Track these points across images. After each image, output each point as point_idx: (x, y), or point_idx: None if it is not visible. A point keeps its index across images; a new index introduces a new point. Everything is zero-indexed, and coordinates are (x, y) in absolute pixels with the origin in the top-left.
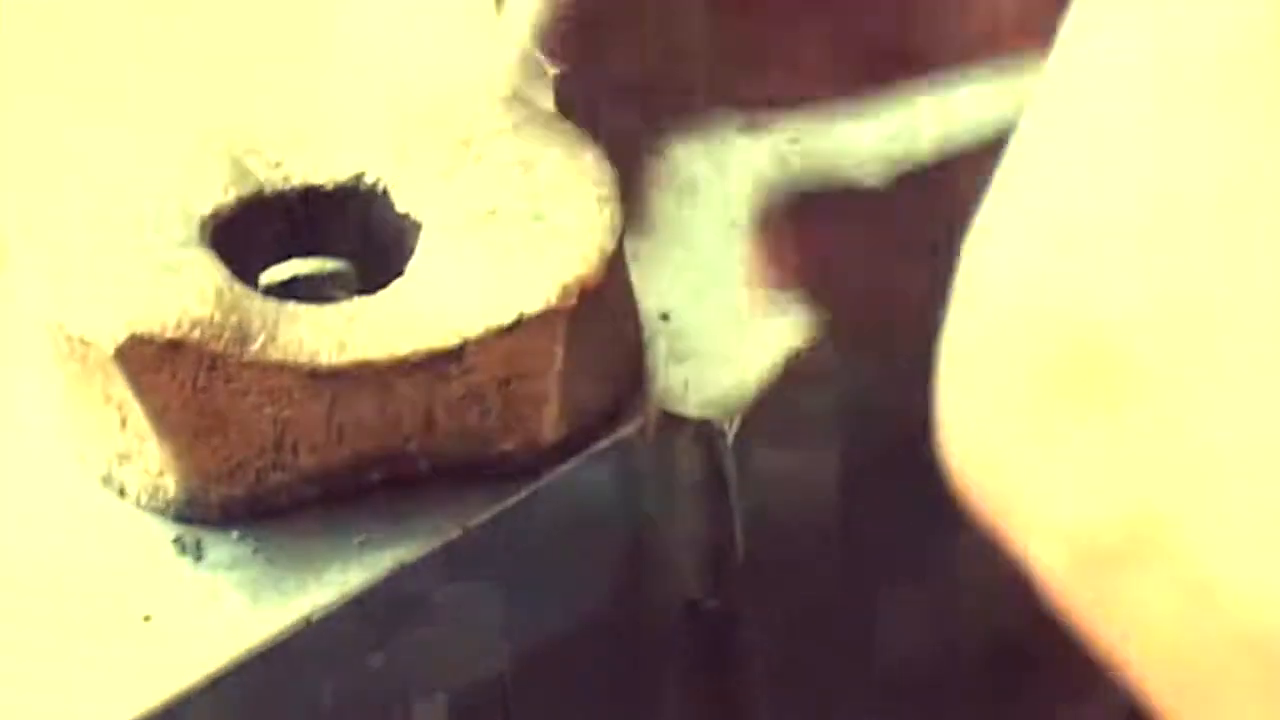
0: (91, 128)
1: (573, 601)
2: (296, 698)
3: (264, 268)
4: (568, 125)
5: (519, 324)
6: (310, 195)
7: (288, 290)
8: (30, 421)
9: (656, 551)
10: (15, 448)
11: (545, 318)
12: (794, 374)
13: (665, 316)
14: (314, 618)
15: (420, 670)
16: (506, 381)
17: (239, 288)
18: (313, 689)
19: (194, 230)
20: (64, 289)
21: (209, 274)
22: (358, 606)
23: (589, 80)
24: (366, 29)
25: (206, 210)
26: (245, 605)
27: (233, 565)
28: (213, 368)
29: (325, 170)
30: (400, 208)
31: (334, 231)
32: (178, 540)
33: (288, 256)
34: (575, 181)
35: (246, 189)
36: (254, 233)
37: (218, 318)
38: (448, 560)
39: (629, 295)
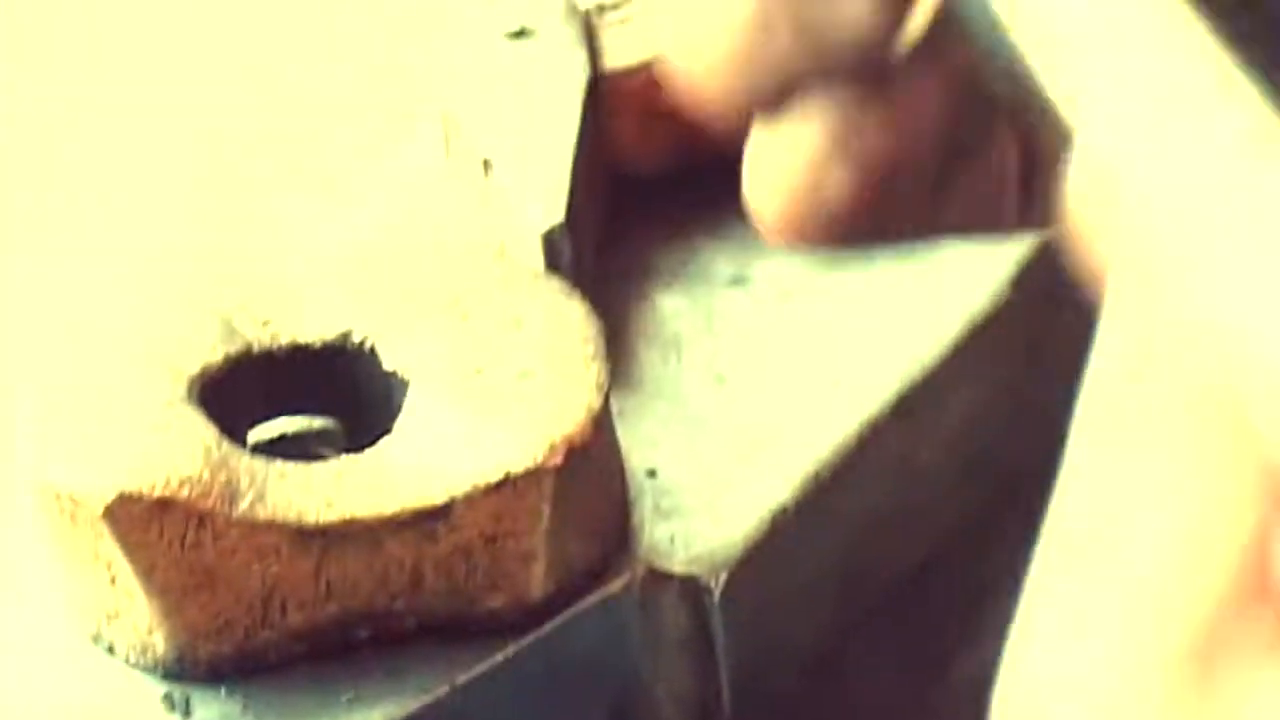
0: (81, 283)
1: None
2: None
3: (252, 425)
4: (554, 282)
5: (506, 482)
6: (298, 353)
7: (276, 448)
8: (20, 578)
9: (643, 708)
10: (5, 605)
11: (532, 476)
12: (781, 530)
13: (651, 473)
14: None
15: None
16: (494, 539)
17: (227, 446)
18: None
19: (183, 388)
20: (53, 446)
21: (197, 432)
22: None
23: (577, 235)
24: (355, 186)
25: (195, 368)
26: None
27: None
28: (201, 526)
29: (313, 328)
30: (387, 365)
31: (322, 389)
32: (167, 697)
33: (276, 414)
34: (562, 339)
35: (235, 347)
36: (242, 390)
37: (206, 476)
38: (437, 717)
39: (616, 452)
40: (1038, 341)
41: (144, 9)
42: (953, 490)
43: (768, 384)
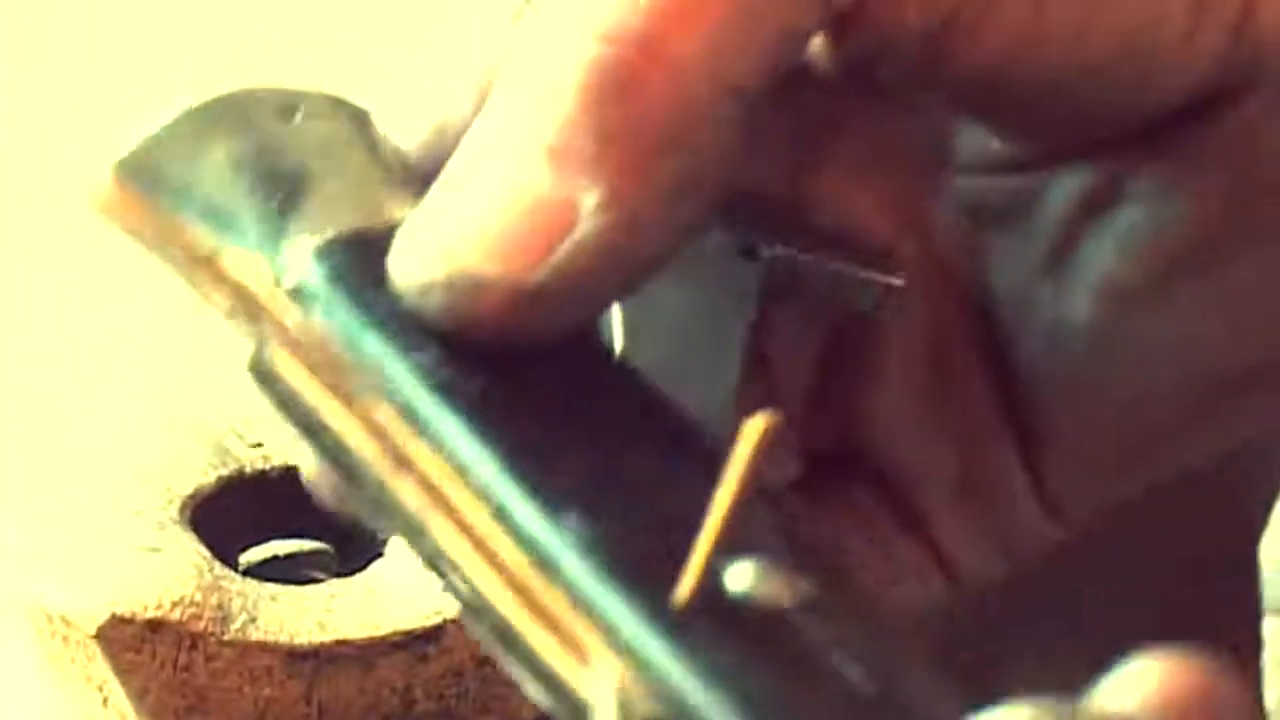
0: (75, 404)
1: None
2: None
3: (244, 548)
4: None
5: None
6: (290, 475)
7: (267, 570)
8: (11, 698)
9: None
10: None
11: None
12: None
13: None
14: None
15: None
16: (485, 661)
17: (219, 568)
18: None
19: (175, 510)
20: (44, 568)
21: (189, 554)
22: None
23: None
24: None
25: (187, 491)
26: None
27: None
28: (193, 647)
29: None
30: None
31: (313, 511)
32: None
33: (267, 537)
34: None
35: (227, 469)
36: (234, 513)
37: (198, 598)
38: None
39: None
40: None
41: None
42: None
43: None
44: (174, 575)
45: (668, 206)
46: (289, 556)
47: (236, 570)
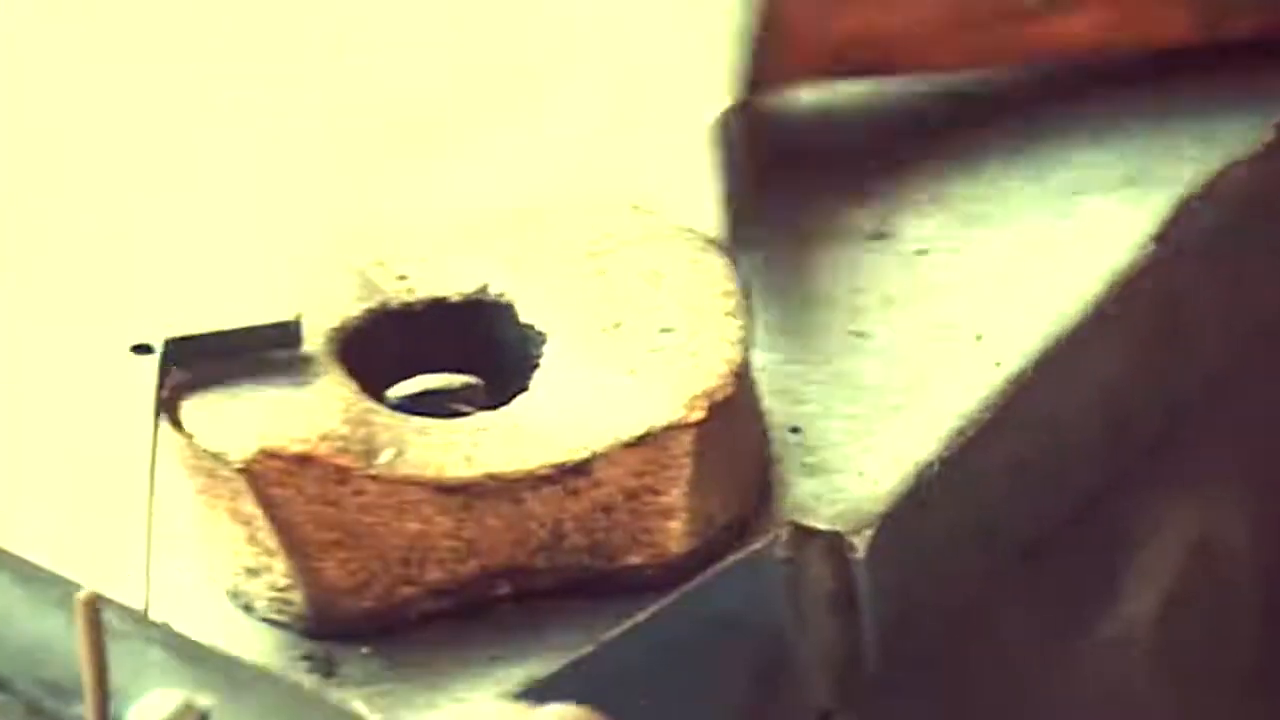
0: (222, 241)
1: (704, 715)
2: None
3: (391, 382)
4: (695, 236)
5: (647, 437)
6: (435, 308)
7: (414, 404)
8: (159, 534)
9: (788, 664)
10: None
11: (674, 431)
12: (925, 486)
13: (795, 429)
14: None
15: None
16: (634, 495)
17: (367, 402)
18: None
19: (322, 344)
20: (194, 404)
21: (337, 388)
22: None
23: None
24: (494, 143)
25: (333, 324)
26: None
27: (364, 681)
28: (341, 482)
29: (450, 283)
30: (525, 320)
31: (459, 344)
32: (308, 656)
33: (414, 370)
34: (703, 293)
35: (373, 303)
36: (380, 347)
37: (346, 432)
38: (578, 676)
39: (756, 407)
40: (1179, 297)
41: None
42: (1095, 449)
43: (910, 339)
44: (321, 409)
45: None
46: (435, 390)
47: (383, 404)
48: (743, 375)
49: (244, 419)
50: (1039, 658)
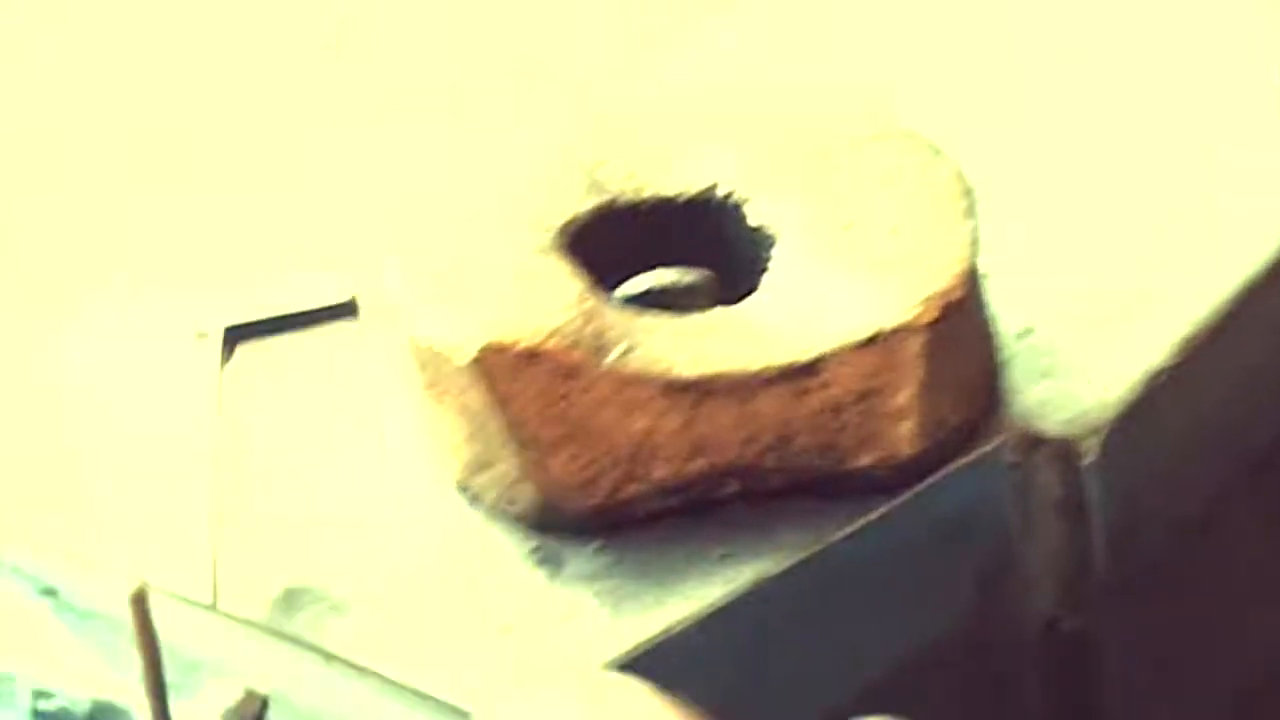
0: (445, 139)
1: (929, 618)
2: None
3: (619, 279)
4: (925, 139)
5: (878, 338)
6: (664, 206)
7: (641, 302)
8: (387, 429)
9: (1014, 569)
10: (373, 455)
11: (905, 333)
12: (1156, 392)
13: (1024, 333)
14: (674, 631)
15: (780, 684)
16: (865, 396)
17: (596, 297)
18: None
19: (550, 240)
20: (422, 298)
21: (566, 283)
22: (719, 620)
23: None
24: (721, 41)
25: (562, 220)
26: (606, 618)
27: (592, 577)
28: (570, 377)
29: (678, 182)
30: (755, 220)
31: (687, 243)
32: (536, 551)
33: (640, 268)
34: (934, 195)
35: (601, 200)
36: (608, 244)
37: (576, 327)
38: (807, 575)
39: (985, 312)
40: None
41: None
42: None
43: (1142, 245)
44: (551, 304)
45: None
46: (663, 288)
47: (611, 300)
48: (973, 278)
49: (473, 312)
50: (1264, 570)
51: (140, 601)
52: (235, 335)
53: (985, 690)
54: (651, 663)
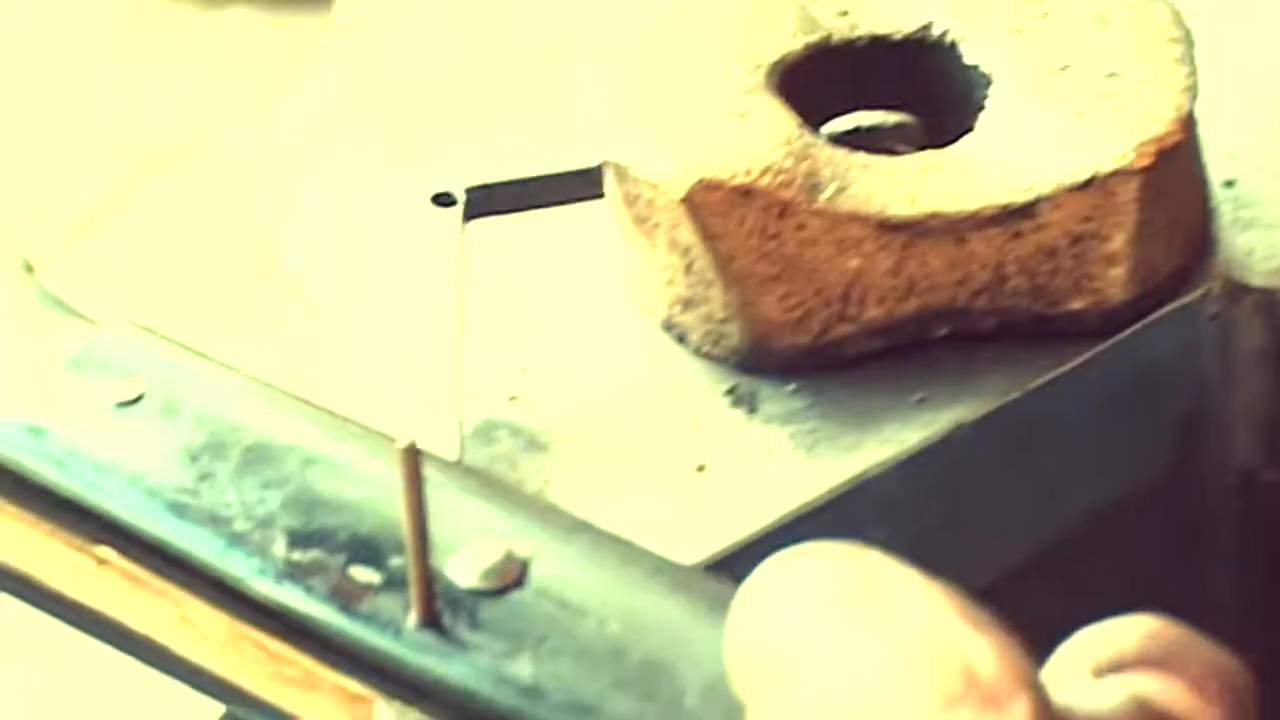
0: None
1: (1127, 467)
2: None
3: (828, 118)
4: None
5: (1094, 182)
6: (877, 45)
7: (851, 140)
8: (592, 265)
9: (1214, 420)
10: (577, 290)
11: (1120, 177)
12: None
13: (1229, 183)
14: (869, 475)
15: (972, 531)
16: (1078, 240)
17: (808, 136)
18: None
19: (762, 77)
20: (633, 134)
21: (778, 121)
22: (914, 465)
23: None
24: None
25: (774, 57)
26: (800, 460)
27: (788, 419)
28: (782, 215)
29: (893, 20)
30: (969, 60)
31: (900, 83)
32: (732, 391)
33: (852, 107)
34: (1150, 39)
35: (814, 37)
36: (819, 82)
37: (788, 165)
38: (1005, 421)
39: (1199, 159)
40: None
41: None
42: None
43: None
44: (763, 142)
45: None
46: (871, 128)
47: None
48: (1189, 123)
49: (684, 149)
50: None
51: (412, 455)
52: (477, 197)
53: (1180, 541)
54: (845, 506)
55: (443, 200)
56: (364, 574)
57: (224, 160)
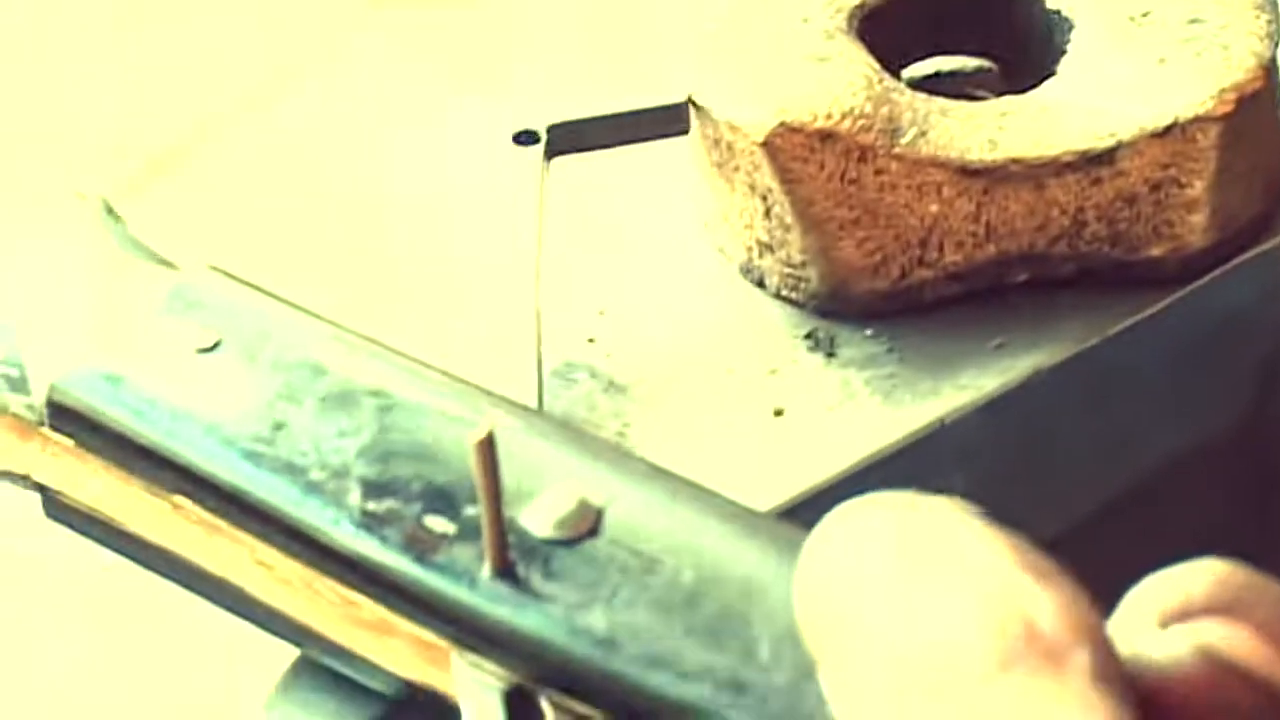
0: None
1: (1204, 414)
2: None
3: (907, 63)
4: None
5: (1174, 128)
6: None
7: (930, 85)
8: (671, 206)
9: None
10: (655, 232)
11: (1201, 123)
12: None
13: None
14: (947, 420)
15: (1049, 477)
16: (1158, 186)
17: (889, 80)
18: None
19: (842, 21)
20: (713, 77)
21: (859, 65)
22: (992, 411)
23: None
24: None
25: (855, 1)
26: (877, 405)
27: (866, 363)
28: (862, 159)
29: None
30: (1051, 4)
31: (980, 27)
32: (811, 335)
33: (931, 52)
34: None
35: None
36: (900, 26)
37: (868, 109)
38: (1083, 367)
39: (1279, 105)
40: None
41: None
42: None
43: None
44: (843, 86)
45: None
46: (950, 72)
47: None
48: (1271, 70)
49: (765, 92)
50: None
51: (486, 446)
52: (559, 134)
53: (1258, 487)
54: (922, 452)
55: (524, 139)
56: (439, 524)
57: (301, 104)
